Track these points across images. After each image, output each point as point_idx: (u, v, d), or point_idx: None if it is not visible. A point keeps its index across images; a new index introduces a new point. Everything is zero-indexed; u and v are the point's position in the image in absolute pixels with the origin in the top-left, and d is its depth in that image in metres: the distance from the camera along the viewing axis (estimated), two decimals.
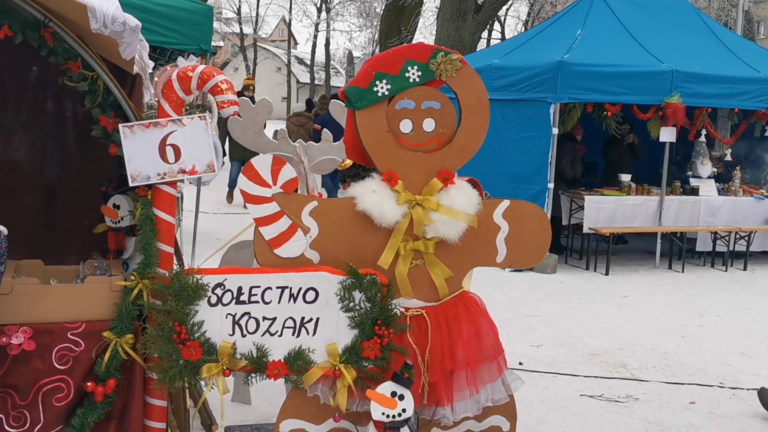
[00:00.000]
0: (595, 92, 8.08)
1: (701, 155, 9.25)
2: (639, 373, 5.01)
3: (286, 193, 2.77)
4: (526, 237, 3.06)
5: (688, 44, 9.16)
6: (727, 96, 8.65)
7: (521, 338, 5.65)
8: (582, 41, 8.57)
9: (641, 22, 9.16)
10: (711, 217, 8.94)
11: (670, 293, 7.49)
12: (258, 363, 2.71)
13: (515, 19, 35.57)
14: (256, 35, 44.77)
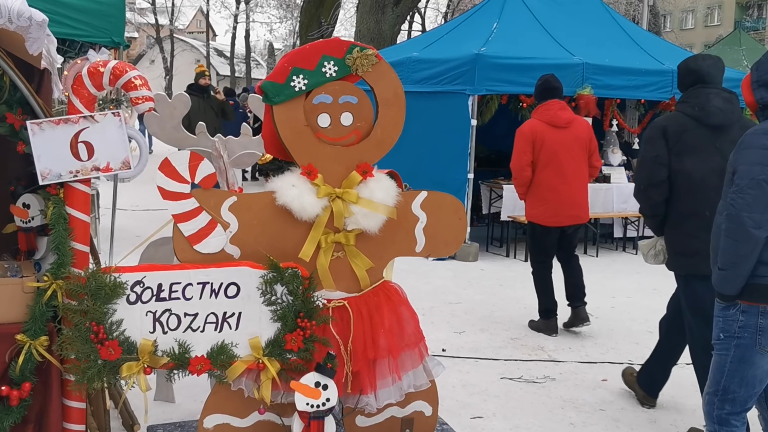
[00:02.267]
0: (511, 84, 8.30)
1: (612, 144, 9.64)
2: (556, 354, 5.22)
3: (204, 189, 2.76)
4: (443, 227, 3.16)
5: (598, 38, 9.52)
6: (634, 87, 9.04)
7: (444, 325, 5.79)
8: (498, 34, 8.79)
9: (553, 16, 9.46)
10: (623, 204, 9.34)
11: (585, 277, 7.78)
12: (180, 359, 2.70)
13: (435, 11, 36.02)
14: (173, 26, 43.67)
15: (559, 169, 5.47)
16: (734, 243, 2.75)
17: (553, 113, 5.53)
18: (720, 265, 2.82)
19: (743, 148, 2.77)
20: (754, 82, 2.84)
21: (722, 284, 2.83)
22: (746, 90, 2.87)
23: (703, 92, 3.68)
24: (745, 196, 2.71)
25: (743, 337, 2.81)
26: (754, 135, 2.78)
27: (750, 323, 2.79)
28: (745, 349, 2.82)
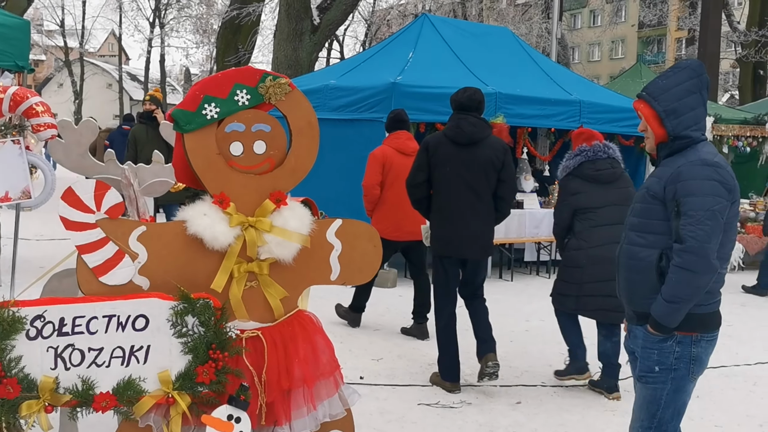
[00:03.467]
0: (427, 112, 8.46)
1: (524, 171, 9.94)
2: (472, 378, 5.29)
3: (111, 219, 2.68)
4: (358, 254, 3.16)
5: (510, 68, 9.86)
6: (544, 116, 9.39)
7: (362, 353, 5.78)
8: (414, 63, 8.97)
9: (467, 47, 9.74)
10: (535, 229, 9.62)
11: (500, 301, 7.94)
12: (84, 396, 2.59)
13: (354, 39, 36.41)
14: (83, 49, 42.39)
15: (402, 190, 5.64)
16: (693, 276, 2.71)
17: (401, 142, 6.35)
18: (670, 298, 2.74)
19: (685, 180, 2.73)
20: (662, 112, 2.80)
21: (668, 318, 2.77)
22: (654, 123, 2.83)
23: (456, 117, 4.91)
24: (704, 227, 2.69)
25: (679, 368, 2.82)
26: (693, 167, 2.75)
27: (685, 353, 2.82)
28: (680, 380, 2.84)
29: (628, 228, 2.97)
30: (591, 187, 4.87)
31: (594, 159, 4.92)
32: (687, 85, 2.81)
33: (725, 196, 2.73)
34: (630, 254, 2.91)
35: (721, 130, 11.47)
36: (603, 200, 4.84)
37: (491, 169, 4.80)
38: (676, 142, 2.83)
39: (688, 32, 31.30)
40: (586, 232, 4.84)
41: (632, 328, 3.02)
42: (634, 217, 2.95)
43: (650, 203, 2.85)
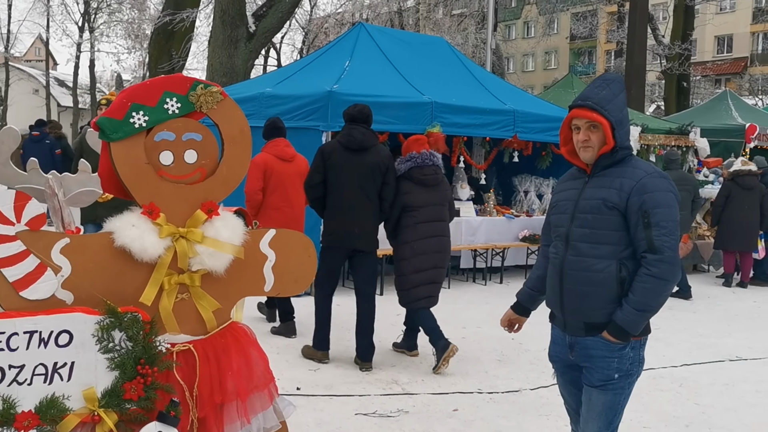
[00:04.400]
0: None
1: (460, 179, 10.06)
2: (409, 387, 5.31)
3: (32, 231, 2.57)
4: (293, 265, 3.13)
5: (446, 78, 9.97)
6: (480, 126, 9.53)
7: (299, 363, 5.72)
8: (350, 72, 8.98)
9: (404, 56, 9.81)
10: (471, 236, 9.74)
11: (437, 309, 7.99)
12: (5, 416, 2.47)
13: (291, 47, 36.25)
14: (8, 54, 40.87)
15: (284, 194, 6.45)
16: (667, 284, 2.77)
17: (280, 149, 6.60)
18: (641, 306, 2.77)
19: (651, 191, 2.77)
20: (614, 122, 2.80)
21: (636, 326, 2.81)
22: (609, 133, 2.80)
23: (348, 127, 5.56)
24: (675, 237, 2.78)
25: (633, 372, 2.92)
26: (654, 179, 2.80)
27: (636, 357, 2.92)
28: (633, 384, 2.96)
29: (574, 239, 2.89)
30: (417, 189, 5.64)
31: (422, 165, 5.68)
32: (622, 96, 2.87)
33: (677, 206, 2.87)
34: (582, 266, 2.86)
35: (648, 139, 11.86)
36: (426, 201, 5.66)
37: (378, 173, 5.54)
38: (618, 153, 2.86)
39: (616, 45, 32.35)
40: (411, 228, 5.64)
41: (577, 341, 2.93)
42: (583, 228, 2.87)
43: (607, 214, 2.82)
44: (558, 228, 3.01)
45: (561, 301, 2.95)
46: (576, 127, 2.90)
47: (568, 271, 2.90)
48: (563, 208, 3.01)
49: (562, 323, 2.99)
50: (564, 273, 2.92)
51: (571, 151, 3.00)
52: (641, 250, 2.78)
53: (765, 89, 35.99)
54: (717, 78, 41.95)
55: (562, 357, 3.03)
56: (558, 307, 2.98)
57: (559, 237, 2.98)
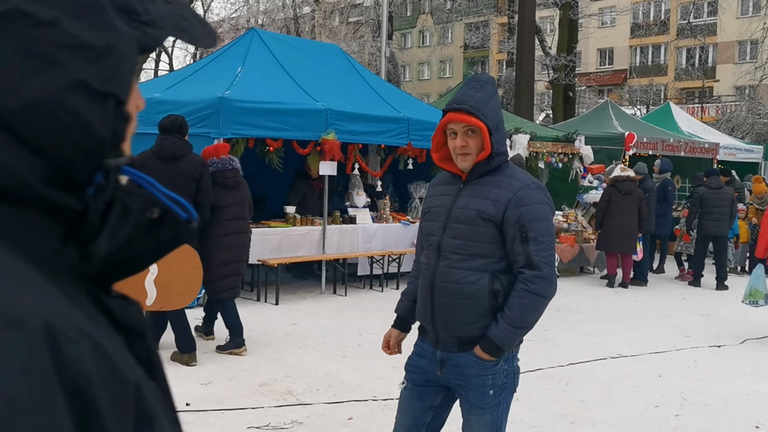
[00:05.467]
0: (257, 128, 8.35)
1: (356, 187, 10.09)
2: (304, 397, 5.24)
3: None
4: (176, 277, 3.03)
5: (340, 85, 9.98)
6: (375, 133, 9.59)
7: (189, 377, 5.53)
8: (243, 78, 8.83)
9: (298, 63, 9.75)
10: (368, 243, 9.78)
11: (334, 317, 8.00)
12: None
13: (184, 51, 35.33)
14: None
15: None
16: (544, 300, 2.68)
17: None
18: (518, 323, 2.65)
19: (529, 204, 2.65)
20: (491, 127, 2.64)
21: (512, 342, 2.69)
22: (487, 139, 2.63)
23: (161, 138, 5.90)
24: (552, 252, 2.69)
25: (507, 384, 2.79)
26: (531, 191, 2.69)
27: (510, 369, 2.78)
28: (509, 395, 2.82)
29: (446, 250, 2.72)
30: (220, 191, 6.14)
31: (223, 169, 6.24)
32: (496, 99, 2.73)
33: (552, 218, 2.78)
34: (454, 278, 2.69)
35: (537, 147, 12.32)
36: (228, 201, 6.19)
37: (191, 180, 5.83)
38: (495, 159, 2.70)
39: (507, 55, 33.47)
40: (215, 225, 6.08)
41: (449, 357, 2.76)
42: (456, 239, 2.71)
43: (482, 226, 2.67)
44: (430, 237, 2.82)
45: (432, 314, 2.76)
46: (452, 132, 2.70)
47: (439, 282, 2.73)
48: (436, 215, 2.82)
49: (433, 338, 2.79)
50: (435, 285, 2.74)
51: (443, 158, 2.81)
52: (518, 265, 2.65)
53: (642, 100, 38.26)
54: (600, 88, 44.19)
55: (425, 370, 2.83)
56: (429, 321, 2.79)
57: (431, 246, 2.80)
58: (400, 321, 3.09)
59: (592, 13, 33.67)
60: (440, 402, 2.88)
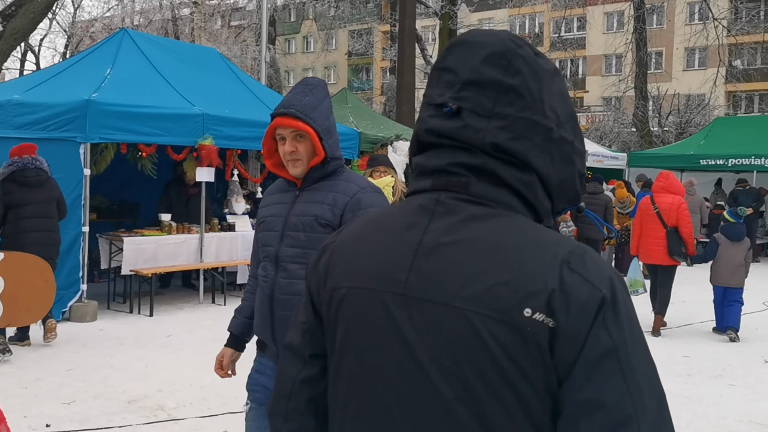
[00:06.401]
0: (128, 132, 7.99)
1: (235, 193, 9.88)
2: (176, 412, 5.05)
3: None
4: (25, 292, 2.84)
5: (218, 90, 9.74)
6: (254, 139, 9.38)
7: (50, 397, 5.20)
8: (112, 80, 8.43)
9: (172, 66, 9.43)
10: (248, 251, 9.57)
11: (212, 327, 7.76)
12: None
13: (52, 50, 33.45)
14: None
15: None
16: None
17: None
18: None
19: (365, 207, 2.56)
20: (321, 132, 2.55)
21: None
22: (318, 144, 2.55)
23: None
24: None
25: None
26: (368, 193, 2.61)
27: None
28: None
29: (284, 260, 2.58)
30: (21, 189, 6.38)
31: (23, 168, 6.45)
32: (327, 102, 2.63)
33: None
34: (295, 289, 2.52)
35: None
36: (30, 199, 6.39)
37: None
38: (330, 164, 2.60)
39: (390, 62, 33.97)
40: (18, 221, 6.25)
41: None
42: (295, 248, 2.57)
43: (321, 232, 2.54)
44: (266, 248, 2.65)
45: (272, 328, 2.58)
46: (281, 138, 2.57)
47: (278, 295, 2.56)
48: (271, 225, 2.66)
49: (274, 353, 2.60)
50: (274, 298, 2.57)
51: (276, 164, 2.68)
52: None
53: None
54: None
55: (267, 387, 2.64)
56: (269, 336, 2.61)
57: (268, 257, 2.62)
58: (234, 339, 2.90)
59: (471, 24, 34.79)
60: None
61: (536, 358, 1.02)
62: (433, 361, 1.06)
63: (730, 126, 18.50)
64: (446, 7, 24.28)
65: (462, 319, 1.05)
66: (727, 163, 16.25)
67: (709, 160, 16.53)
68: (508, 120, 1.13)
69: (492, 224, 1.11)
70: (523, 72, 1.15)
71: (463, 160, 1.15)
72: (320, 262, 1.28)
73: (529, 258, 1.06)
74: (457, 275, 1.08)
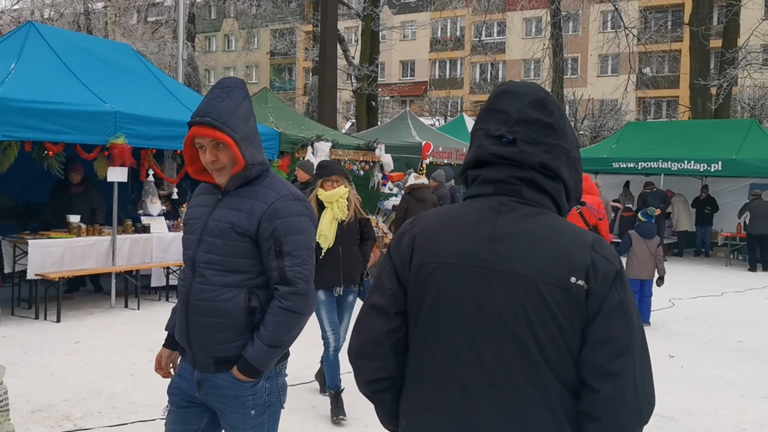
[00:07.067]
0: (33, 130, 7.61)
1: (150, 194, 9.59)
2: (82, 422, 4.84)
3: None
4: None
5: (132, 87, 9.43)
6: (170, 138, 9.12)
7: None
8: (17, 76, 8.03)
9: (82, 61, 9.07)
10: (163, 253, 9.32)
11: (124, 332, 7.51)
12: None
13: None
14: None
15: None
16: (301, 317, 2.54)
17: None
18: (273, 342, 2.50)
19: (284, 217, 2.51)
20: (238, 140, 2.50)
21: (268, 362, 2.54)
22: (237, 152, 2.50)
23: None
24: (309, 266, 2.55)
25: (272, 402, 2.65)
26: (287, 202, 2.54)
27: (275, 386, 2.65)
28: (275, 413, 2.68)
29: (201, 265, 2.55)
30: None
31: None
32: (245, 106, 2.55)
33: (313, 230, 2.63)
34: (208, 295, 2.52)
35: (339, 154, 12.50)
36: None
37: None
38: (252, 170, 2.55)
39: (312, 63, 33.80)
40: None
41: (207, 377, 2.58)
42: (211, 254, 2.54)
43: (237, 240, 2.52)
44: (186, 251, 2.63)
45: (188, 333, 2.57)
46: (200, 146, 2.52)
47: (193, 300, 2.54)
48: (192, 228, 2.63)
49: (191, 358, 2.60)
50: (190, 303, 2.55)
51: (199, 170, 2.64)
52: (274, 281, 2.51)
53: (441, 111, 40.43)
54: (403, 99, 46.07)
55: (186, 392, 2.65)
56: (185, 341, 2.60)
57: (187, 261, 2.62)
58: (170, 339, 2.84)
59: (394, 26, 35.03)
60: (206, 424, 2.69)
61: (576, 309, 1.59)
62: (510, 311, 1.61)
63: (640, 131, 19.29)
64: (368, 9, 24.37)
65: (530, 283, 1.61)
66: (637, 166, 16.93)
67: (620, 163, 17.18)
68: (548, 146, 1.69)
69: (540, 219, 1.67)
70: (555, 113, 1.71)
71: (517, 174, 1.69)
72: (401, 244, 1.77)
73: (569, 243, 1.63)
74: (522, 255, 1.63)
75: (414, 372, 1.74)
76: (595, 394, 1.59)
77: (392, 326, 1.76)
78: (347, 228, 5.16)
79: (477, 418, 1.63)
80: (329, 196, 5.08)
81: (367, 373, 1.78)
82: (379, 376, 1.77)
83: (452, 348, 1.66)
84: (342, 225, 5.13)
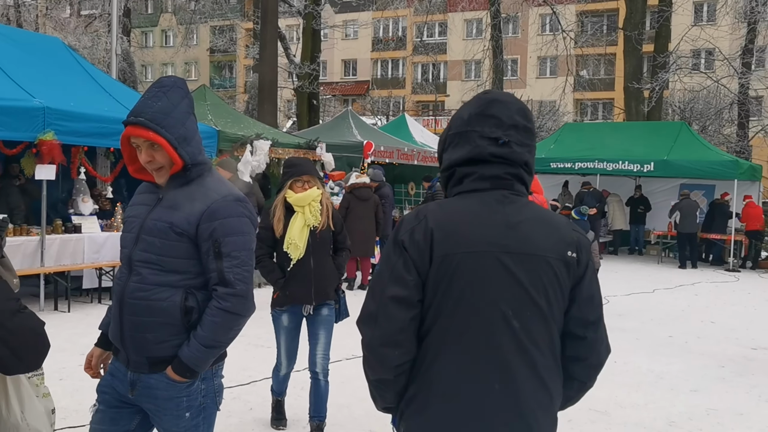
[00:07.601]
0: None
1: (82, 193, 9.30)
2: None
3: None
4: None
5: (62, 82, 9.13)
6: (103, 135, 8.88)
7: None
8: None
9: (9, 54, 8.73)
10: (95, 254, 9.04)
11: (53, 336, 7.10)
12: None
13: None
14: None
15: None
16: (239, 318, 2.52)
17: None
18: (210, 343, 2.49)
19: (223, 218, 2.50)
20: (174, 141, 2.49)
21: (203, 363, 2.52)
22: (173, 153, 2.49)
23: None
24: (248, 268, 2.53)
25: (207, 404, 2.62)
26: (227, 203, 2.52)
27: (210, 388, 2.62)
28: (211, 416, 2.64)
29: (138, 264, 2.54)
30: None
31: None
32: (183, 106, 2.53)
33: (253, 232, 2.62)
34: (144, 294, 2.50)
35: (279, 153, 12.37)
36: None
37: None
38: (192, 171, 2.54)
39: (253, 60, 33.42)
40: None
41: (140, 378, 2.56)
42: (148, 253, 2.52)
43: (175, 240, 2.50)
44: (123, 249, 2.62)
45: (121, 333, 2.54)
46: (137, 146, 2.52)
47: (128, 299, 2.52)
48: (130, 226, 2.62)
49: (125, 358, 2.57)
50: (124, 302, 2.53)
51: (139, 169, 2.63)
52: (213, 282, 2.50)
53: (383, 110, 40.55)
54: (345, 98, 46.04)
55: (119, 392, 2.61)
56: (119, 340, 2.56)
57: (124, 260, 2.60)
58: (103, 338, 2.78)
59: (336, 25, 34.94)
60: (136, 426, 2.64)
61: (570, 276, 1.99)
62: (533, 285, 1.94)
63: (577, 131, 19.75)
64: (310, 7, 24.22)
65: (544, 261, 1.96)
66: (574, 167, 17.32)
67: (558, 163, 17.55)
68: (529, 147, 2.03)
69: (532, 207, 2.02)
70: (532, 120, 2.05)
71: (510, 171, 2.00)
72: (415, 239, 1.95)
73: (560, 225, 2.02)
74: (534, 237, 1.97)
75: (444, 348, 1.94)
76: (582, 341, 2.01)
77: (414, 314, 1.95)
78: (320, 236, 4.54)
79: (514, 388, 1.91)
80: (300, 200, 4.47)
81: (394, 359, 1.96)
82: (405, 360, 1.96)
83: (488, 323, 1.92)
84: (314, 232, 4.51)
